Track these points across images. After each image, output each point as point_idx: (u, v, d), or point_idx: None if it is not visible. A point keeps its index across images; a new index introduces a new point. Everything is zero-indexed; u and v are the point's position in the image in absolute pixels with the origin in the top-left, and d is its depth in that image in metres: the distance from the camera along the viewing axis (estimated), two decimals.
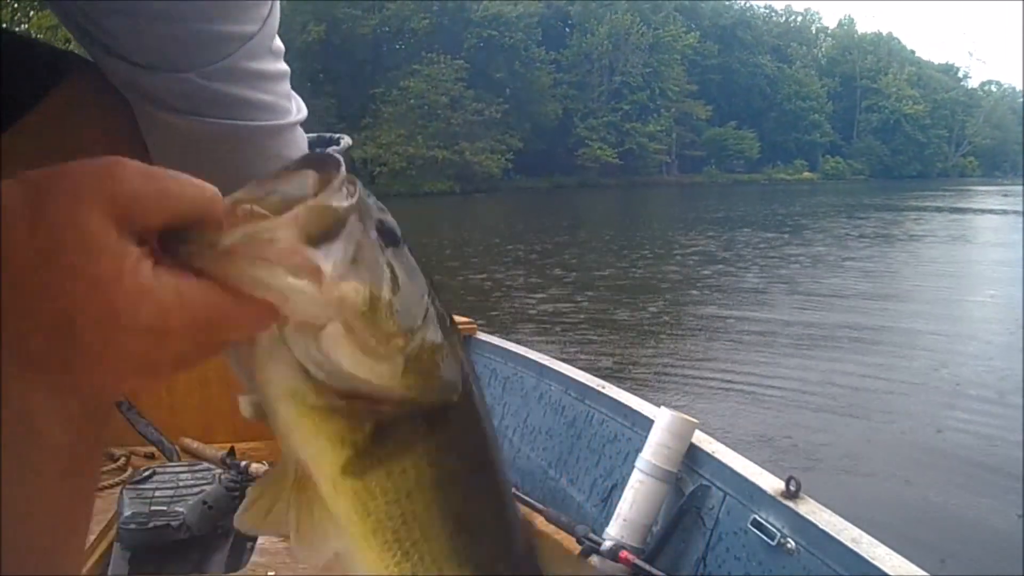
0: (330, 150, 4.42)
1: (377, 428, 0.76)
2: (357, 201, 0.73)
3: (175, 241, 0.70)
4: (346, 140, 4.71)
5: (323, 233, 0.70)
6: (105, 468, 3.68)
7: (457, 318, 4.17)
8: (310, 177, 0.73)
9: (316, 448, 0.76)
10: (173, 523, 3.01)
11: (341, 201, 0.72)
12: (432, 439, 0.80)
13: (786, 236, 32.04)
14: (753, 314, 15.75)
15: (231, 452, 3.54)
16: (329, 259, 0.70)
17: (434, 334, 0.78)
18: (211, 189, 0.72)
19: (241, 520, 0.80)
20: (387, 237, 0.76)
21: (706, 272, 21.99)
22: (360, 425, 0.75)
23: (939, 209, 50.47)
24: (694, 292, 18.75)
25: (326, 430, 0.75)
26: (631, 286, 19.24)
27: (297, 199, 0.71)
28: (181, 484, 3.21)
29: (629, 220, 42.02)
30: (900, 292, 18.94)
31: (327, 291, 0.70)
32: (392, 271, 0.75)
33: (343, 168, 0.74)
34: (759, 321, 15.05)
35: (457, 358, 0.81)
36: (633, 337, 13.58)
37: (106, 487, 3.54)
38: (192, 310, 0.68)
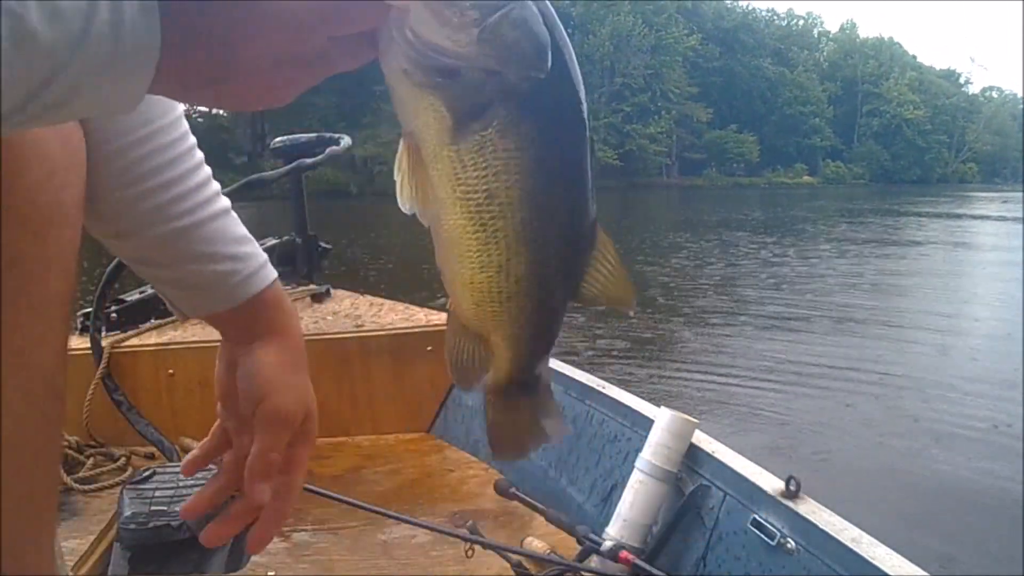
0: (330, 151, 4.44)
1: (474, 108, 0.88)
2: None
3: None
4: (346, 140, 4.72)
5: None
6: (105, 468, 3.69)
7: None
8: None
9: (422, 121, 0.90)
10: (173, 523, 2.99)
11: None
12: (522, 125, 0.90)
13: (786, 240, 32.06)
14: (751, 317, 15.74)
15: None
16: None
17: (518, 13, 0.86)
18: None
19: (403, 203, 0.96)
20: None
21: (704, 275, 22.01)
22: (457, 101, 0.88)
23: (939, 215, 50.49)
24: (692, 295, 18.73)
25: (429, 104, 0.89)
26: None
27: None
28: (181, 484, 3.18)
29: (629, 222, 41.96)
30: (899, 296, 18.94)
31: None
32: None
33: None
34: (758, 323, 15.06)
35: (543, 40, 0.88)
36: (632, 338, 13.57)
37: (106, 487, 3.55)
38: (315, 4, 0.83)
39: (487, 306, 1.01)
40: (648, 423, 2.95)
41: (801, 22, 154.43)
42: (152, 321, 4.21)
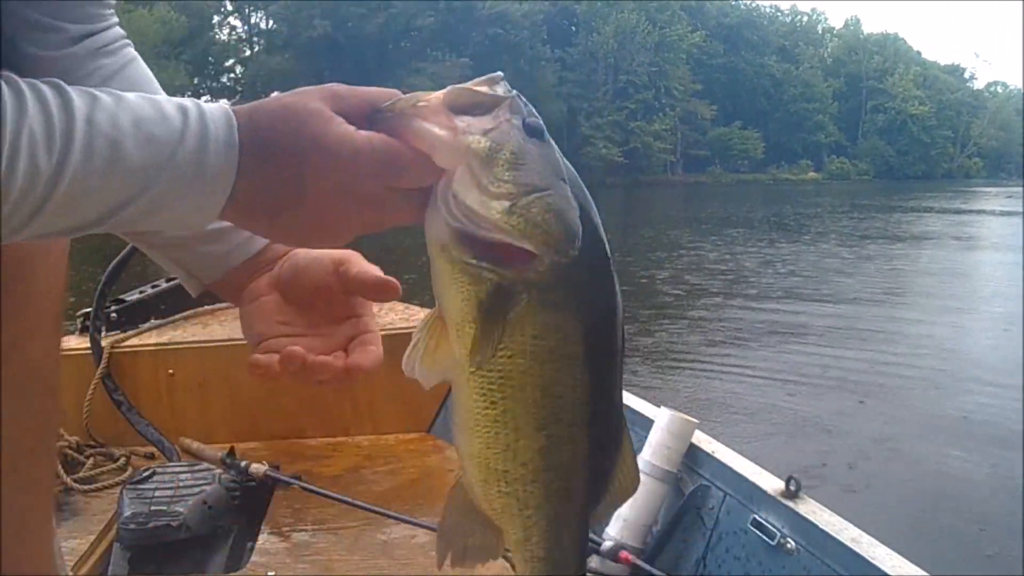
0: None
1: (501, 291, 0.96)
2: (511, 100, 0.99)
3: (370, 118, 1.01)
4: None
5: (468, 107, 0.98)
6: (105, 468, 3.68)
7: None
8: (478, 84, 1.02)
9: (451, 295, 0.98)
10: (173, 523, 2.99)
11: (484, 90, 0.99)
12: (542, 315, 0.97)
13: (790, 237, 32.01)
14: (756, 314, 15.70)
15: (231, 452, 3.51)
16: (466, 121, 0.97)
17: (553, 201, 0.97)
18: (392, 90, 1.03)
19: (405, 362, 1.01)
20: (530, 130, 0.99)
21: (707, 272, 21.96)
22: (484, 282, 0.96)
23: (944, 210, 50.35)
24: (695, 294, 18.68)
25: (459, 280, 0.97)
26: (633, 289, 19.14)
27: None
28: (181, 484, 3.19)
29: (633, 219, 41.92)
30: (904, 292, 18.90)
31: (457, 140, 0.95)
32: (521, 145, 0.97)
33: (504, 83, 1.01)
34: (762, 321, 15.01)
35: (572, 227, 0.98)
36: (632, 338, 13.50)
37: (106, 487, 3.54)
38: (376, 150, 0.97)
39: (493, 486, 1.05)
40: (648, 423, 2.95)
41: (805, 18, 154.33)
42: (152, 321, 4.20)
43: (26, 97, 0.85)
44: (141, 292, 4.27)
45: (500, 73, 1.03)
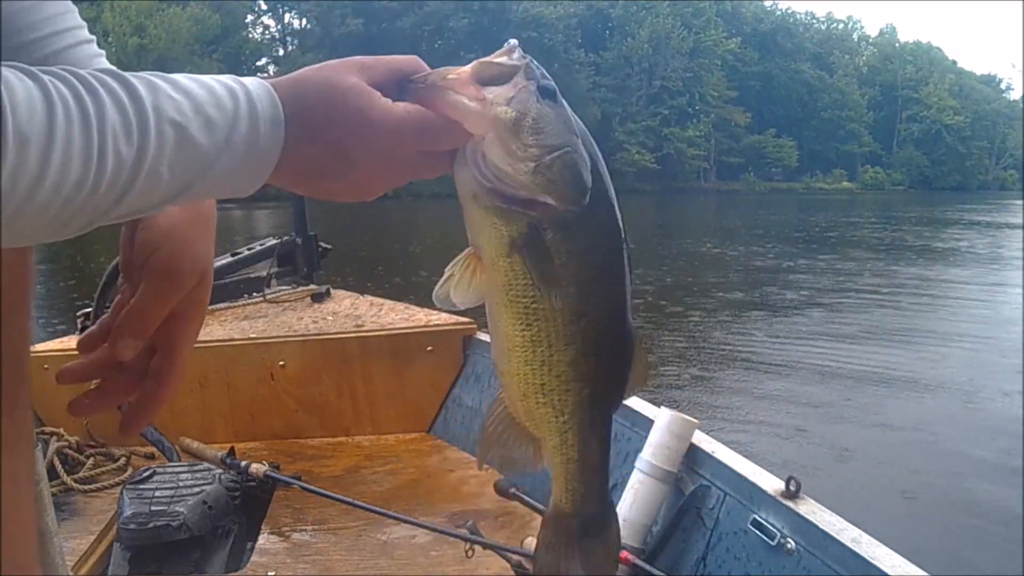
0: None
1: (530, 229, 1.08)
2: (525, 66, 1.11)
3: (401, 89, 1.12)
4: None
5: (492, 78, 1.10)
6: (105, 468, 3.71)
7: (459, 318, 4.11)
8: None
9: (485, 236, 1.11)
10: (173, 523, 3.00)
11: (506, 61, 1.11)
12: (565, 245, 1.10)
13: (824, 248, 31.96)
14: (764, 321, 15.69)
15: (231, 452, 3.53)
16: (492, 92, 1.08)
17: (569, 157, 1.09)
18: (412, 57, 1.14)
19: (437, 292, 1.14)
20: (544, 93, 1.10)
21: (727, 279, 21.98)
22: (514, 223, 1.09)
23: (977, 223, 49.98)
24: (704, 297, 18.69)
25: (491, 224, 1.09)
26: (653, 291, 19.13)
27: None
28: (181, 484, 3.20)
29: (665, 226, 41.99)
30: (931, 303, 18.76)
31: (486, 110, 1.07)
32: (540, 110, 1.09)
33: (518, 50, 1.12)
34: (771, 327, 14.99)
35: (584, 183, 1.10)
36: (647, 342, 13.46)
37: (106, 487, 3.58)
38: (415, 121, 1.07)
39: (532, 397, 1.18)
40: (648, 423, 2.93)
41: (841, 26, 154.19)
42: None
43: (100, 92, 0.88)
44: None
45: (515, 41, 1.15)
